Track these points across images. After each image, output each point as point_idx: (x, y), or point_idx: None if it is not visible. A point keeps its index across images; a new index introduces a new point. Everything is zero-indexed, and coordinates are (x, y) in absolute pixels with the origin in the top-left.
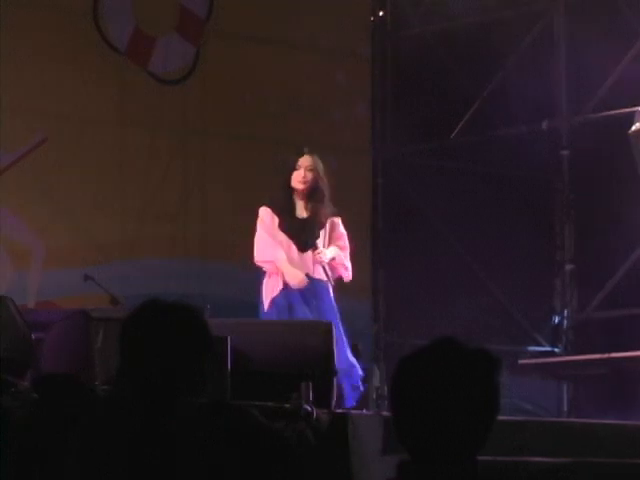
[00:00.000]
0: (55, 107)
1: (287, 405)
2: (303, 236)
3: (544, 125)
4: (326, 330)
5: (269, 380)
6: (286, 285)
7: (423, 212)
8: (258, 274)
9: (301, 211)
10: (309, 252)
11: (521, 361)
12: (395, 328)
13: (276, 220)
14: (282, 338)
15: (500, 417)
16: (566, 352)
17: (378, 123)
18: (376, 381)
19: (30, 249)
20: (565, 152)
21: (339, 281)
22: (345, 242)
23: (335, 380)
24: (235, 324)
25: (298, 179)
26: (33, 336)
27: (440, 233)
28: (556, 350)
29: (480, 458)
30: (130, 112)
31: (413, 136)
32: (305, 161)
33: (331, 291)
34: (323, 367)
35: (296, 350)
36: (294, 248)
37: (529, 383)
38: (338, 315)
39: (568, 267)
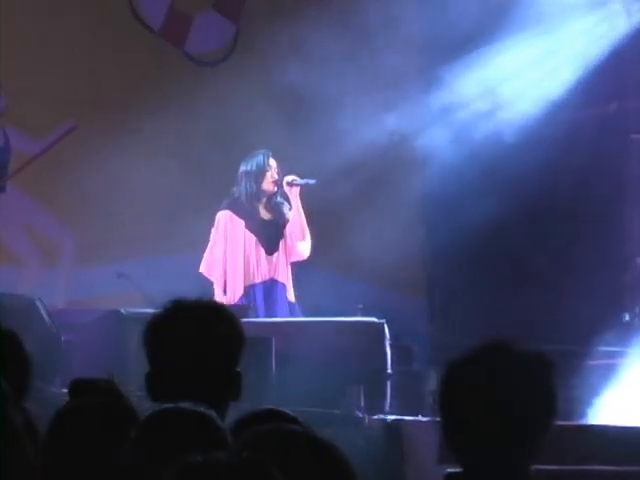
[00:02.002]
0: (86, 92)
1: (336, 411)
2: (269, 238)
3: (612, 107)
4: (378, 329)
5: (316, 384)
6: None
7: (481, 201)
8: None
9: (264, 212)
10: (275, 254)
11: (590, 362)
12: (453, 328)
13: (241, 223)
14: (330, 339)
15: (562, 422)
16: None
17: None
18: (432, 386)
19: (60, 244)
20: (636, 136)
21: (299, 261)
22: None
23: (389, 384)
24: (279, 324)
25: (272, 180)
26: (63, 338)
27: (500, 224)
28: (627, 350)
29: (538, 467)
30: (165, 96)
31: None
32: (273, 162)
33: (290, 293)
34: (375, 369)
35: (345, 351)
36: (261, 250)
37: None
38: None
39: (639, 261)
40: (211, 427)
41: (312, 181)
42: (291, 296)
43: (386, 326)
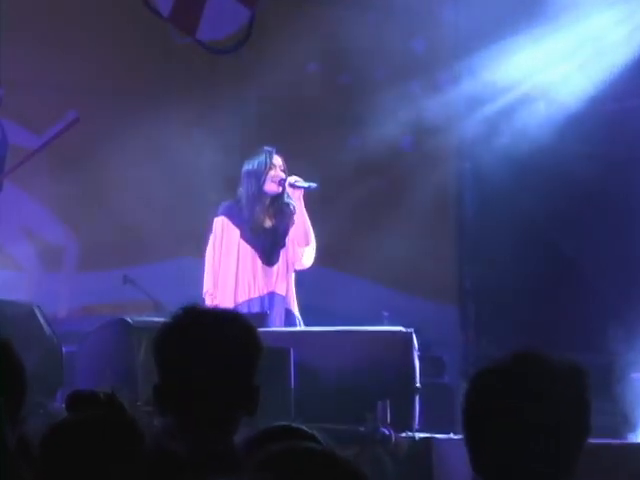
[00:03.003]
0: (89, 83)
1: (361, 428)
2: (268, 248)
3: None
4: (405, 339)
5: (339, 399)
6: (235, 306)
7: (517, 200)
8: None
9: (264, 218)
10: (275, 266)
11: (635, 374)
12: (487, 337)
13: (236, 232)
14: (354, 349)
15: (598, 439)
16: None
17: None
18: None
19: (61, 247)
20: None
21: (300, 269)
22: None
23: (417, 398)
24: (298, 334)
25: (276, 180)
26: (65, 349)
27: (538, 224)
28: None
29: None
30: (176, 86)
31: None
32: (277, 160)
33: (288, 305)
34: (403, 383)
35: (370, 363)
36: (259, 262)
37: None
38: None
39: None
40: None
41: (314, 185)
42: (293, 306)
43: (414, 335)
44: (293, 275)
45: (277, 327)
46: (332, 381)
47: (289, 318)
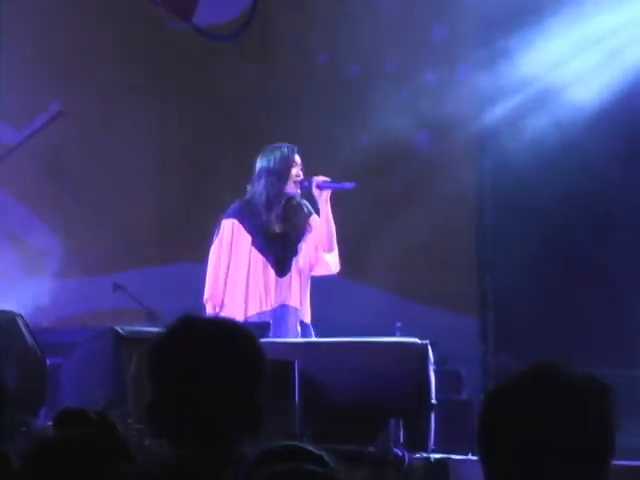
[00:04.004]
0: (75, 72)
1: (371, 448)
2: (281, 257)
3: None
4: (421, 352)
5: (348, 416)
6: (245, 320)
7: (542, 202)
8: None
9: (276, 222)
10: (287, 276)
11: None
12: (508, 350)
13: (247, 239)
14: (365, 363)
15: (624, 461)
16: None
17: None
18: None
19: (47, 252)
20: None
21: (322, 275)
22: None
23: (433, 416)
24: (304, 345)
25: (296, 181)
26: (49, 362)
27: (564, 229)
28: None
29: None
30: (171, 77)
31: None
32: (298, 158)
33: (302, 317)
34: (417, 399)
35: (382, 378)
36: (271, 272)
37: None
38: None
39: None
40: None
41: (350, 185)
42: (307, 317)
43: (430, 348)
44: (309, 284)
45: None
46: (340, 397)
47: (305, 331)
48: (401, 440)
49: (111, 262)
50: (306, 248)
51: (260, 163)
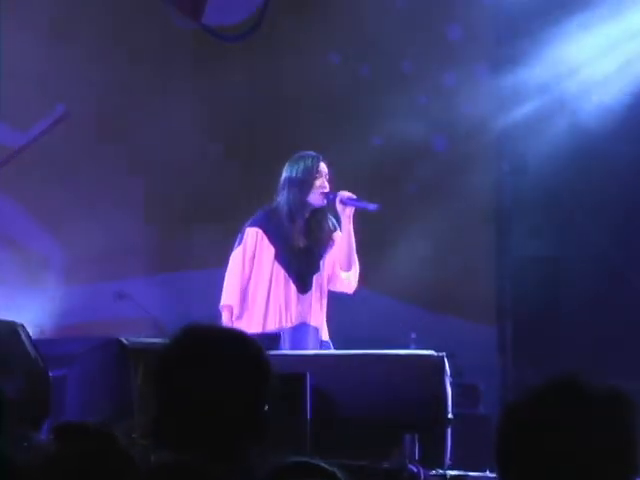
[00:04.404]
0: (80, 74)
1: (385, 464)
2: (303, 272)
3: None
4: (436, 364)
5: (361, 431)
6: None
7: (563, 208)
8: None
9: (298, 235)
10: (308, 293)
11: None
12: (528, 362)
13: (271, 251)
14: (378, 375)
15: None
16: None
17: None
18: None
19: (47, 259)
20: None
21: (338, 293)
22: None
23: (449, 431)
24: (315, 357)
25: (322, 191)
26: (52, 373)
27: (586, 235)
28: None
29: None
30: (178, 79)
31: None
32: (324, 167)
33: (323, 335)
34: (433, 414)
35: (396, 391)
36: (293, 288)
37: None
38: None
39: None
40: None
41: (373, 206)
42: (325, 335)
43: (446, 360)
44: (325, 302)
45: None
46: (353, 411)
47: (322, 347)
48: (416, 456)
49: (114, 269)
50: (328, 263)
51: (285, 173)
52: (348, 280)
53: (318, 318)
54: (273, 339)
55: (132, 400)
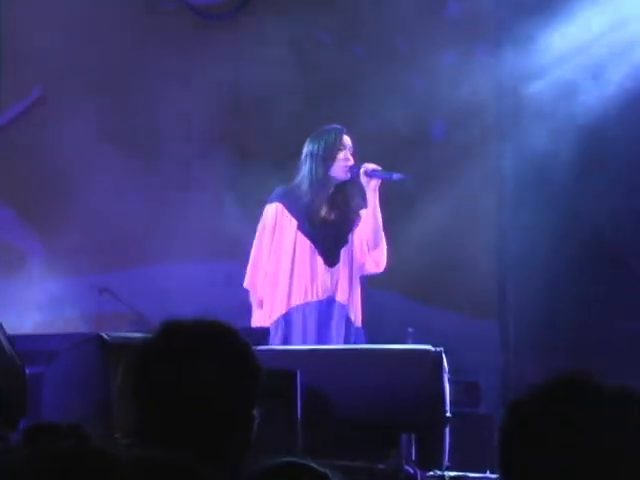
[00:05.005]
0: (57, 55)
1: (381, 466)
2: (330, 244)
3: None
4: (434, 360)
5: (355, 431)
6: (288, 311)
7: (570, 196)
8: None
9: (326, 209)
10: (336, 267)
11: None
12: (531, 359)
13: (293, 223)
14: (373, 372)
15: None
16: None
17: None
18: None
19: (25, 252)
20: None
21: (366, 274)
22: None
23: (448, 431)
24: (306, 353)
25: (345, 164)
26: (29, 371)
27: (596, 227)
28: None
29: None
30: (160, 61)
31: None
32: (347, 140)
33: (351, 317)
34: (430, 412)
35: (393, 389)
36: (319, 260)
37: None
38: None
39: None
40: None
41: (397, 175)
42: (357, 319)
43: (445, 356)
44: (359, 282)
45: (335, 343)
46: (346, 409)
47: (353, 333)
48: (413, 457)
49: (96, 262)
50: (356, 241)
51: (306, 148)
52: (377, 258)
53: (346, 295)
54: (261, 335)
55: (113, 398)
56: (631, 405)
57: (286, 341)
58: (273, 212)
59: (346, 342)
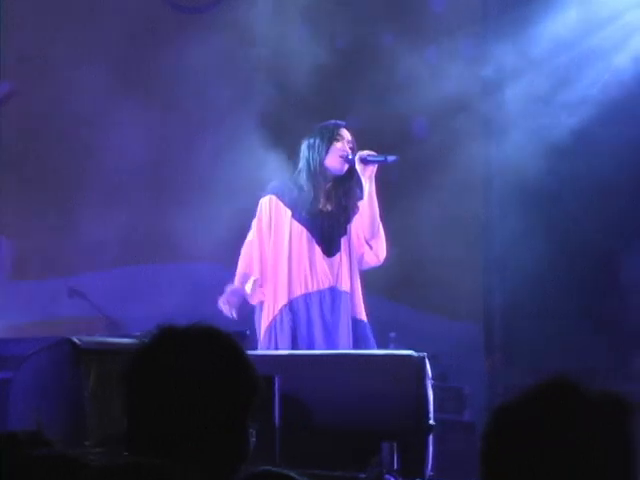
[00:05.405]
0: (28, 47)
1: (362, 475)
2: (328, 233)
3: None
4: (417, 366)
5: (335, 439)
6: (290, 301)
7: (556, 196)
8: None
9: (324, 201)
10: (336, 256)
11: None
12: (517, 364)
13: (287, 213)
14: (354, 378)
15: None
16: None
17: None
18: None
19: None
20: None
21: (364, 268)
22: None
23: (431, 439)
24: (285, 358)
25: (342, 155)
26: None
27: (581, 226)
28: None
29: None
30: (135, 56)
31: None
32: (345, 133)
33: (355, 306)
34: (413, 420)
35: (373, 395)
36: (317, 249)
37: None
38: (371, 341)
39: None
40: None
41: (392, 158)
42: (361, 313)
43: (428, 361)
44: (357, 273)
45: (344, 336)
46: (326, 417)
47: (359, 328)
48: (395, 466)
49: (67, 263)
50: (353, 232)
51: (305, 142)
52: (376, 249)
53: (348, 284)
54: (241, 338)
55: (84, 404)
56: (617, 410)
57: (294, 333)
58: (267, 204)
59: (354, 332)
